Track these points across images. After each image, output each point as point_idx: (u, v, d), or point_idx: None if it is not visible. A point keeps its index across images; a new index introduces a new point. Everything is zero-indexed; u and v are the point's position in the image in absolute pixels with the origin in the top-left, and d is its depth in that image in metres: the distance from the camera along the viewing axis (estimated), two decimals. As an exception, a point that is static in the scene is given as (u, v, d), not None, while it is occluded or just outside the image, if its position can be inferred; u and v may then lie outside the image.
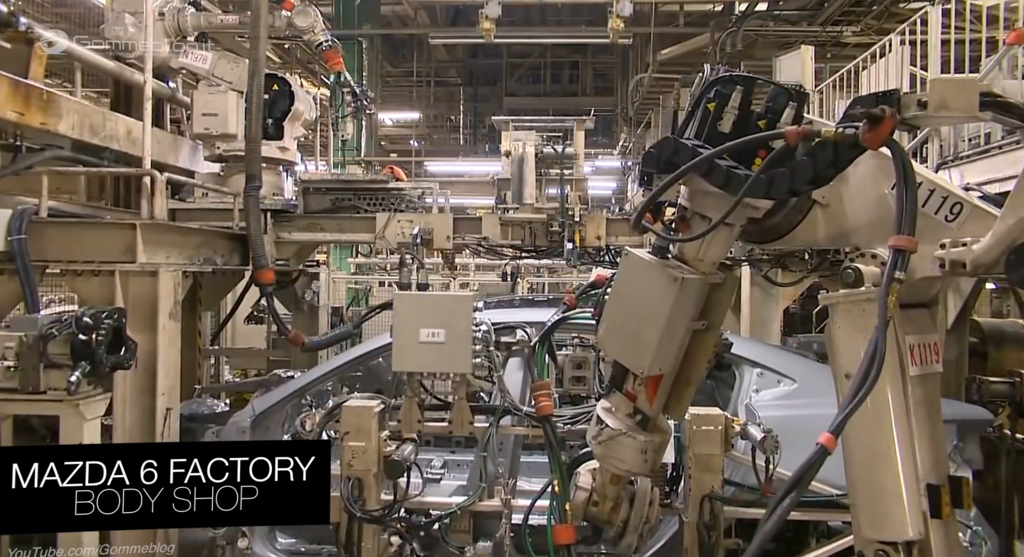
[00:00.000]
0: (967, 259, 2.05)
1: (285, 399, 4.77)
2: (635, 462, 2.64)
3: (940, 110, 1.97)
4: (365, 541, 3.89)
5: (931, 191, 2.15)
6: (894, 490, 2.10)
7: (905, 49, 6.44)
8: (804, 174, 2.12)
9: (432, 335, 4.01)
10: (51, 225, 4.55)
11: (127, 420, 4.58)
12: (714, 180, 2.23)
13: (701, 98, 2.39)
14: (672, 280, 2.36)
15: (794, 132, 2.04)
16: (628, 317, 2.51)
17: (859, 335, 2.12)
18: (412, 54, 20.69)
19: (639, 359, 2.49)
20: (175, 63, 6.29)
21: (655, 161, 2.36)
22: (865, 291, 2.13)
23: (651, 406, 2.56)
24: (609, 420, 2.62)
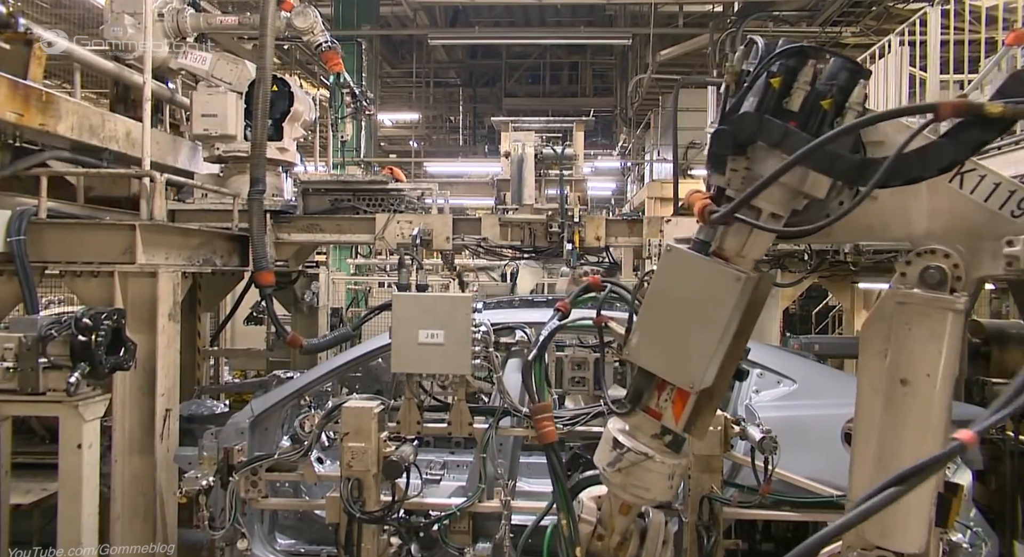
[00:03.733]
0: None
1: (284, 400, 4.76)
2: (661, 489, 2.36)
3: None
4: (365, 542, 3.89)
5: (995, 185, 2.01)
6: (918, 503, 2.03)
7: (904, 50, 6.45)
8: (941, 159, 1.91)
9: (431, 336, 3.98)
10: (50, 226, 4.55)
11: (127, 421, 4.58)
12: (837, 170, 1.99)
13: (760, 73, 2.08)
14: (734, 280, 2.10)
15: (949, 106, 1.76)
16: (675, 323, 2.20)
17: (934, 342, 1.99)
18: (411, 55, 20.68)
19: (689, 371, 2.19)
20: (174, 64, 6.29)
21: (731, 141, 2.08)
22: (956, 298, 1.98)
23: (677, 424, 2.30)
24: (630, 443, 2.32)
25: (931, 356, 1.99)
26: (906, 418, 2.04)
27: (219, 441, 4.36)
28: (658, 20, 16.10)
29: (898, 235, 2.16)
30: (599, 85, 22.92)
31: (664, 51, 15.45)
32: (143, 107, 4.96)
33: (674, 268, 2.21)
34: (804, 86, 2.04)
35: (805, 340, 7.37)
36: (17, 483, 4.54)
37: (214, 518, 4.19)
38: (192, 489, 4.13)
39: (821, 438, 4.07)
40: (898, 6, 12.51)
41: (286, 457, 4.13)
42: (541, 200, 6.95)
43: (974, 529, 4.04)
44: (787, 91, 2.06)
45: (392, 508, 3.91)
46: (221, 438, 4.41)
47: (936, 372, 2.00)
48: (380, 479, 3.91)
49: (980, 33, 7.68)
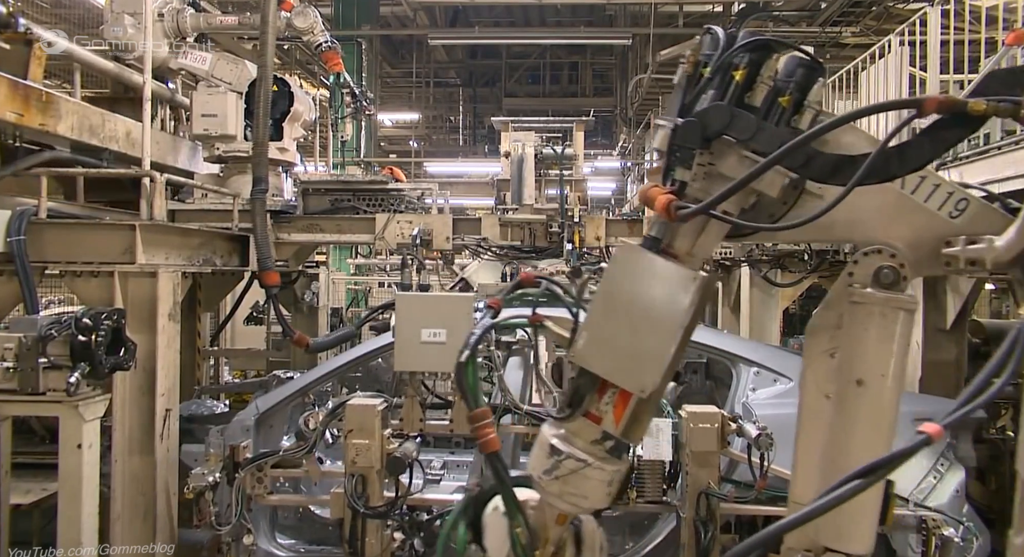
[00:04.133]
0: (987, 257, 1.94)
1: (288, 398, 4.84)
2: (599, 497, 2.17)
3: None
4: (368, 537, 3.93)
5: (935, 186, 2.04)
6: (871, 503, 2.04)
7: (904, 50, 6.44)
8: (919, 155, 1.90)
9: (433, 335, 4.04)
10: (50, 226, 4.55)
11: (127, 421, 4.58)
12: (814, 169, 1.95)
13: (724, 65, 2.01)
14: (692, 279, 2.00)
15: (934, 102, 1.75)
16: (627, 325, 2.07)
17: (888, 343, 1.99)
18: (411, 55, 20.68)
19: (641, 376, 2.06)
20: (174, 64, 6.29)
21: (699, 134, 1.98)
22: (909, 298, 1.98)
23: (617, 428, 2.14)
24: (569, 450, 2.13)
25: (886, 356, 2.00)
26: (859, 418, 2.03)
27: (225, 438, 4.44)
28: (658, 20, 16.11)
29: (843, 235, 2.17)
30: (599, 85, 22.92)
31: (664, 51, 15.44)
32: (143, 107, 4.96)
33: (628, 266, 2.08)
34: (768, 81, 1.99)
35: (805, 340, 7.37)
36: (17, 483, 4.53)
37: (220, 514, 4.25)
38: (199, 485, 4.18)
39: None
40: (898, 6, 12.52)
41: (291, 454, 4.19)
42: (541, 200, 6.96)
43: (966, 524, 4.09)
44: (750, 85, 2.01)
45: (395, 504, 3.95)
46: (227, 435, 4.49)
47: (890, 372, 2.00)
48: (383, 475, 3.95)
49: (980, 33, 7.69)
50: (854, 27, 13.18)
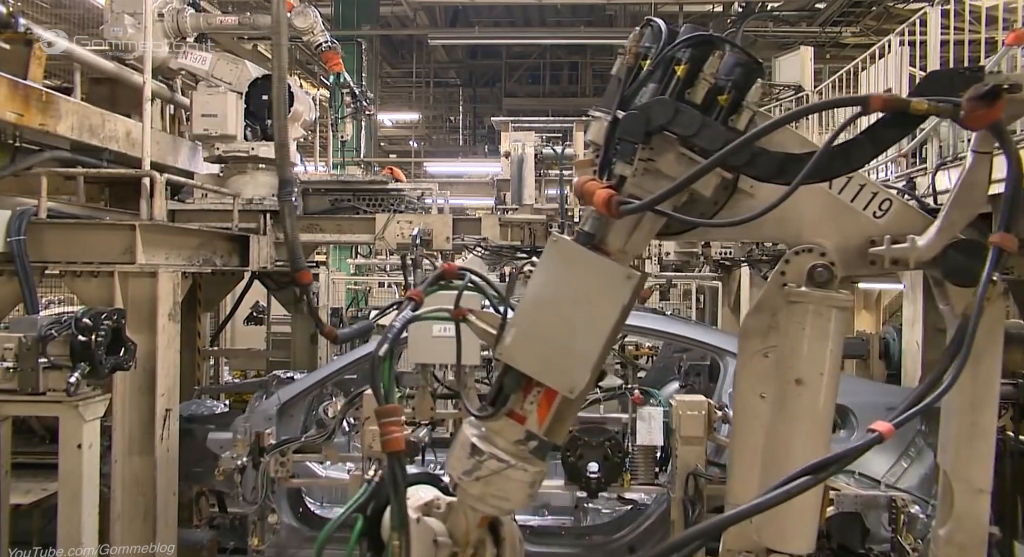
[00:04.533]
0: (910, 256, 2.00)
1: (307, 390, 5.17)
2: (521, 499, 2.09)
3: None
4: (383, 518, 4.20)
5: (861, 186, 2.07)
6: (812, 504, 2.06)
7: (904, 50, 6.44)
8: (863, 154, 1.92)
9: (444, 330, 4.25)
10: (50, 226, 4.54)
11: (126, 421, 4.58)
12: (759, 167, 1.94)
13: (666, 59, 1.97)
14: (626, 278, 1.95)
15: (879, 100, 1.77)
16: (558, 323, 1.99)
17: (824, 341, 2.02)
18: (411, 55, 20.68)
19: (571, 376, 1.98)
20: (174, 64, 6.29)
21: (641, 129, 1.93)
22: (844, 297, 2.02)
23: (540, 428, 2.08)
24: (491, 450, 2.04)
25: (823, 354, 2.02)
26: (799, 417, 2.05)
27: (250, 426, 4.78)
28: (658, 20, 16.10)
29: (774, 234, 2.19)
30: (599, 85, 22.88)
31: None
32: (143, 107, 4.96)
33: (561, 262, 2.00)
34: (709, 78, 1.96)
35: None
36: (17, 483, 4.53)
37: (246, 495, 4.69)
38: (228, 468, 4.61)
39: None
40: (898, 6, 12.53)
41: (312, 440, 4.65)
42: (541, 200, 6.96)
43: (933, 503, 4.27)
44: (691, 81, 1.97)
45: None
46: (252, 423, 4.85)
47: (827, 370, 2.02)
48: None
49: (980, 33, 7.69)
50: (854, 27, 13.19)
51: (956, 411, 2.16)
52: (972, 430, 2.13)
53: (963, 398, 2.14)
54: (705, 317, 12.20)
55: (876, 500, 4.29)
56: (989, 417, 2.12)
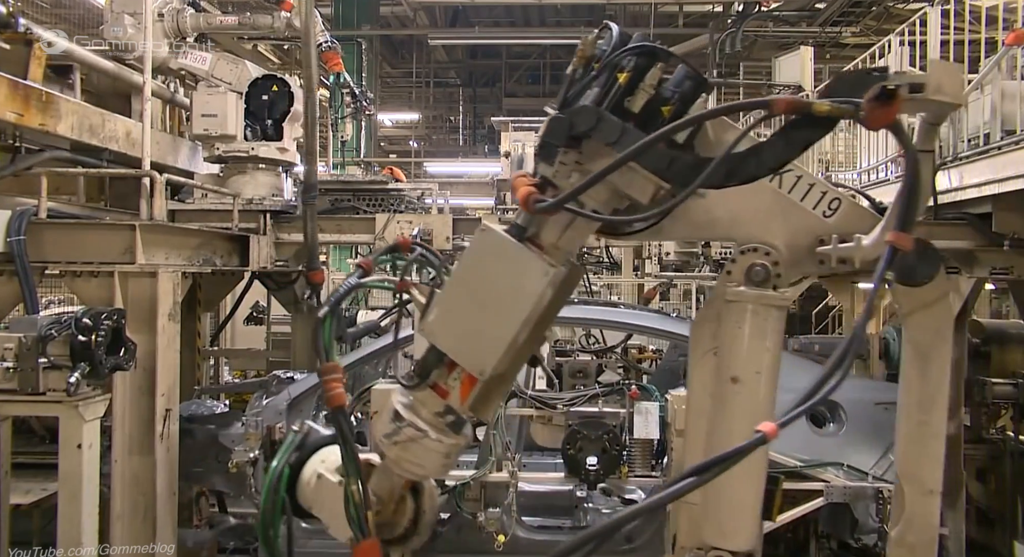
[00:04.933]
0: (856, 256, 1.99)
1: (316, 386, 5.27)
2: (435, 467, 2.21)
3: (936, 93, 1.79)
4: None
5: (810, 185, 2.08)
6: (751, 501, 2.06)
7: (904, 50, 6.45)
8: (774, 158, 1.92)
9: None
10: (50, 226, 4.54)
11: (126, 421, 4.58)
12: (674, 170, 1.95)
13: (610, 65, 2.00)
14: (543, 273, 1.98)
15: (783, 102, 1.78)
16: (476, 305, 2.06)
17: (761, 340, 2.02)
18: (411, 55, 20.69)
19: (481, 358, 2.06)
20: (174, 64, 6.29)
21: (565, 133, 1.98)
22: (779, 295, 2.02)
23: (464, 406, 2.16)
24: (412, 418, 2.15)
25: (760, 353, 2.02)
26: (735, 415, 2.05)
27: (262, 420, 5.00)
28: (658, 20, 16.12)
29: (724, 233, 2.18)
30: (599, 85, 22.89)
31: (664, 51, 15.44)
32: (143, 107, 4.96)
33: (485, 249, 2.05)
34: (649, 89, 1.97)
35: (805, 340, 7.38)
36: (17, 483, 4.54)
37: (258, 488, 4.84)
38: (242, 461, 4.90)
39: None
40: (898, 6, 12.53)
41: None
42: (541, 200, 6.95)
43: None
44: (631, 90, 1.99)
45: None
46: (263, 417, 5.05)
47: (764, 369, 2.02)
48: None
49: (980, 33, 7.69)
50: (854, 27, 13.19)
51: (905, 411, 2.15)
52: (922, 430, 2.12)
53: (912, 398, 2.13)
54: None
55: (864, 491, 4.49)
56: (939, 417, 2.10)
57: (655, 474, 4.85)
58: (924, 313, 2.05)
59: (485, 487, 4.78)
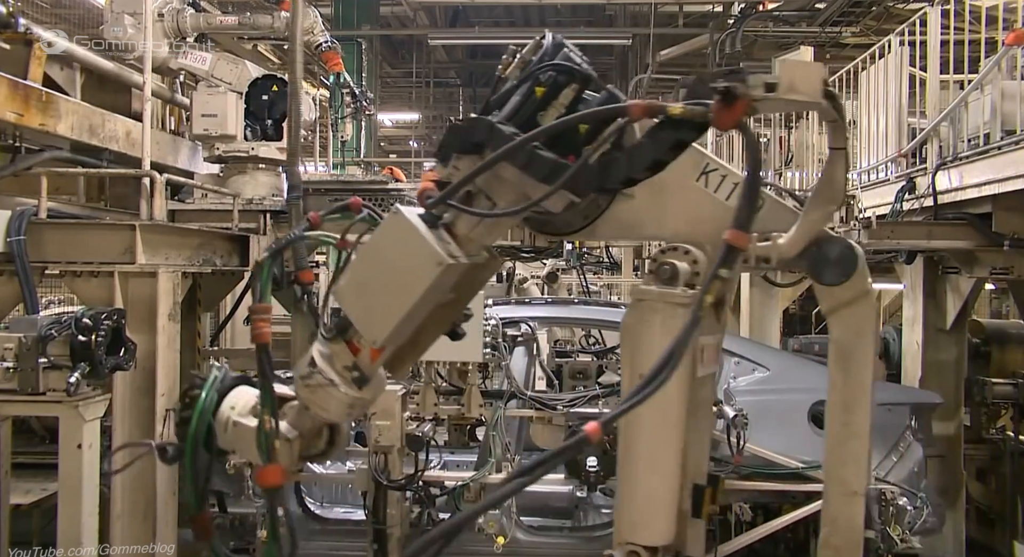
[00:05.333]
0: (772, 254, 2.05)
1: None
2: (339, 414, 2.39)
3: (789, 92, 1.84)
4: (390, 507, 4.47)
5: (735, 184, 2.11)
6: (661, 495, 2.07)
7: (904, 50, 6.44)
8: (643, 159, 1.94)
9: None
10: (50, 226, 4.54)
11: (126, 421, 4.58)
12: (534, 172, 2.00)
13: (533, 76, 2.09)
14: (436, 263, 2.09)
15: (639, 107, 1.83)
16: (376, 280, 2.22)
17: (666, 338, 1.99)
18: (411, 55, 20.67)
19: (374, 329, 2.23)
20: (174, 64, 6.29)
21: (459, 140, 2.12)
22: (681, 293, 2.03)
23: (372, 366, 2.32)
24: (324, 366, 2.32)
25: (662, 350, 2.02)
26: (643, 413, 2.05)
27: None
28: (658, 20, 16.11)
29: (652, 233, 2.22)
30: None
31: (664, 51, 15.45)
32: (144, 107, 4.96)
33: (392, 229, 2.18)
34: (560, 107, 2.04)
35: (805, 340, 7.39)
36: (17, 483, 4.54)
37: (255, 488, 4.84)
38: (239, 462, 4.69)
39: (790, 418, 4.87)
40: (898, 6, 12.52)
41: None
42: (541, 200, 6.94)
43: (920, 495, 4.72)
44: (545, 105, 2.06)
45: (414, 478, 4.49)
46: None
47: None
48: (403, 453, 4.52)
49: (980, 33, 7.69)
50: (854, 27, 13.17)
51: (830, 412, 2.15)
52: (845, 431, 2.11)
53: (836, 398, 2.14)
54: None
55: (866, 492, 4.41)
56: (861, 418, 2.08)
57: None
58: (845, 312, 2.05)
59: (485, 488, 4.81)
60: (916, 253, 6.22)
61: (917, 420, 5.12)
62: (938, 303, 6.32)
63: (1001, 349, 6.71)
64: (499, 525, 4.73)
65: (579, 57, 2.14)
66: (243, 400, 2.50)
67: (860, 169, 7.35)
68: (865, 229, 5.78)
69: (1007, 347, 6.71)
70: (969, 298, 6.16)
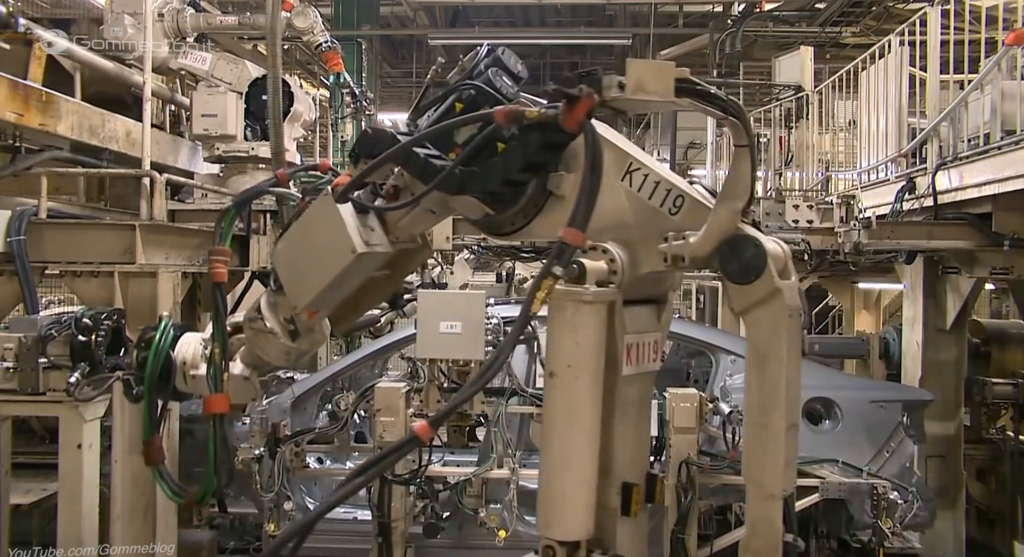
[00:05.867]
0: (685, 253, 2.06)
1: (319, 385, 5.56)
2: (276, 357, 2.69)
3: (637, 92, 1.91)
4: (394, 502, 4.62)
5: (656, 183, 2.12)
6: (573, 491, 2.08)
7: (904, 50, 6.45)
8: (515, 161, 2.05)
9: (451, 327, 4.64)
10: (50, 226, 4.54)
11: (126, 421, 4.57)
12: (411, 170, 2.21)
13: (456, 91, 2.23)
14: (350, 251, 2.27)
15: (503, 113, 1.95)
16: (302, 254, 2.44)
17: (571, 336, 2.07)
18: (411, 55, 20.65)
19: (297, 296, 2.47)
20: (174, 64, 6.28)
21: (365, 147, 2.33)
22: (583, 291, 2.06)
23: (307, 322, 2.57)
24: (267, 314, 2.60)
25: (569, 347, 2.06)
26: (554, 409, 2.10)
27: (267, 417, 5.10)
28: (658, 20, 16.10)
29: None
30: (599, 85, 22.88)
31: (664, 51, 15.44)
32: (144, 107, 4.96)
33: (321, 211, 2.34)
34: (471, 127, 2.16)
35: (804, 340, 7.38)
36: (17, 483, 4.54)
37: (263, 483, 4.96)
38: (247, 458, 4.94)
39: None
40: (898, 6, 12.51)
41: (325, 431, 5.06)
42: (541, 200, 6.93)
43: (911, 490, 4.85)
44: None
45: (417, 473, 4.59)
46: (268, 414, 5.15)
47: (576, 363, 2.05)
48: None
49: (980, 33, 7.69)
50: (854, 27, 13.16)
51: (747, 413, 2.14)
52: (762, 433, 2.08)
53: (752, 400, 2.11)
54: (705, 317, 12.20)
55: (859, 487, 4.62)
56: (777, 419, 2.04)
57: (654, 471, 4.89)
58: (757, 312, 2.04)
59: (486, 484, 4.88)
60: (916, 253, 6.22)
61: (909, 417, 5.22)
62: (938, 303, 6.32)
63: (1001, 349, 6.72)
64: (501, 519, 4.79)
65: (514, 70, 2.27)
66: (191, 352, 2.84)
67: (860, 169, 7.35)
68: (865, 229, 5.79)
69: (1007, 347, 6.71)
70: (969, 298, 6.16)
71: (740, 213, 2.01)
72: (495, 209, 2.26)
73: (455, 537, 5.09)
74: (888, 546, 4.63)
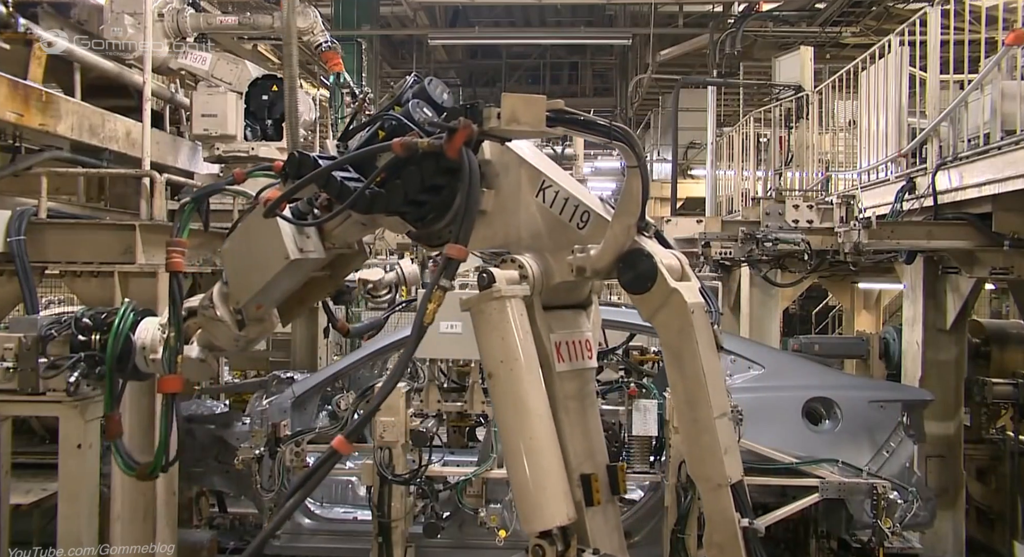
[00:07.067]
0: (587, 265, 2.21)
1: (319, 385, 5.56)
2: (227, 344, 2.86)
3: (511, 123, 2.07)
4: (394, 502, 4.59)
5: (565, 200, 2.28)
6: (541, 478, 2.16)
7: (904, 50, 6.45)
8: (414, 183, 2.23)
9: (451, 327, 4.62)
10: (50, 226, 4.54)
11: (126, 421, 4.56)
12: (329, 191, 2.36)
13: (379, 120, 2.40)
14: (283, 257, 2.47)
15: (399, 144, 2.15)
16: (244, 254, 2.64)
17: (495, 333, 2.20)
18: (411, 55, 20.67)
19: (237, 292, 2.67)
20: (174, 64, 6.29)
21: (290, 167, 2.47)
22: (490, 292, 2.20)
23: (256, 313, 2.74)
24: (218, 304, 2.76)
25: (497, 344, 2.19)
26: (502, 405, 2.22)
27: (267, 417, 5.11)
28: (658, 20, 16.11)
29: (502, 244, 2.41)
30: (599, 85, 22.91)
31: (664, 51, 15.45)
32: (143, 107, 4.96)
33: (259, 218, 2.49)
34: (389, 154, 2.28)
35: (805, 340, 7.39)
36: (17, 483, 4.53)
37: (263, 483, 4.97)
38: (248, 457, 4.95)
39: (784, 414, 5.02)
40: (898, 6, 12.51)
41: (325, 431, 5.05)
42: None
43: (910, 490, 4.84)
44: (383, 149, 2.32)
45: (417, 472, 4.62)
46: (269, 414, 5.16)
47: (507, 356, 2.18)
48: (407, 448, 4.65)
49: (980, 33, 7.69)
50: (854, 27, 13.16)
51: (677, 413, 2.25)
52: (695, 428, 2.19)
53: (679, 398, 2.22)
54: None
55: (859, 487, 4.65)
56: (704, 412, 2.15)
57: (653, 471, 4.89)
58: (662, 315, 2.17)
59: (486, 483, 4.87)
60: (916, 253, 6.22)
61: (909, 417, 5.23)
62: (938, 303, 6.32)
63: (1001, 349, 6.72)
64: (501, 519, 4.78)
65: (438, 100, 2.42)
66: (149, 338, 3.07)
67: (860, 169, 7.35)
68: (865, 229, 5.79)
69: (1007, 347, 6.72)
70: (969, 298, 6.16)
71: (633, 228, 2.17)
72: (416, 225, 2.43)
73: (455, 537, 5.09)
74: (888, 546, 4.63)
